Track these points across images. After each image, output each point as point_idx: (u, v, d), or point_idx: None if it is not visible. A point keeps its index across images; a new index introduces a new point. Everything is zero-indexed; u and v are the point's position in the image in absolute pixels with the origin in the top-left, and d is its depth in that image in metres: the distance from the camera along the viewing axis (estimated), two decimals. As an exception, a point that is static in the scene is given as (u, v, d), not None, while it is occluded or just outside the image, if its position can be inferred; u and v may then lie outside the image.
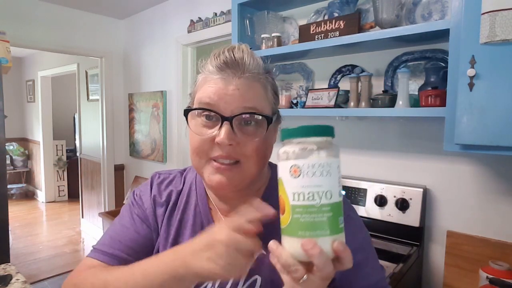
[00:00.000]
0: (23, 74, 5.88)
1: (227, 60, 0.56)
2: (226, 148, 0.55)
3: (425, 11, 1.40)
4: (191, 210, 0.69)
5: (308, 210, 0.43)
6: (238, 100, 0.55)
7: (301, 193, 0.43)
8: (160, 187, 0.71)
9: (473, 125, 1.03)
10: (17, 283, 1.11)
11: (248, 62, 0.57)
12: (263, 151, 0.58)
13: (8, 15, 2.78)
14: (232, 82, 0.56)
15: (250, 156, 0.57)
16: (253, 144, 0.56)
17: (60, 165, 5.56)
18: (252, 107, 0.56)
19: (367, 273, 0.61)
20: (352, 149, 1.73)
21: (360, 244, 0.62)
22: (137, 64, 3.31)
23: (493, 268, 1.18)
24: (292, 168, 0.44)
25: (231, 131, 0.55)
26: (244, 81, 0.56)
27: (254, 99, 0.56)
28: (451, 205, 1.43)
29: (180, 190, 0.71)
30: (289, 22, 1.90)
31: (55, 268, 3.28)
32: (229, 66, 0.56)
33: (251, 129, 0.57)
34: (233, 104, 0.55)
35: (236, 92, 0.55)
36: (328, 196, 0.43)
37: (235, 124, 0.55)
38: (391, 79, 1.55)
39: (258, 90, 0.58)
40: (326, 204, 0.43)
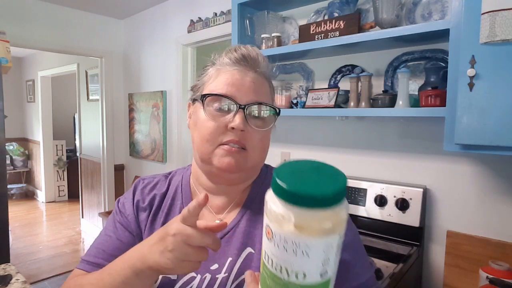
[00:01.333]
0: (23, 74, 5.88)
1: (245, 54, 0.62)
2: (239, 133, 0.59)
3: (425, 11, 1.40)
4: (176, 212, 0.69)
5: (275, 280, 0.36)
6: (253, 92, 0.60)
7: (270, 258, 0.35)
8: (144, 192, 0.72)
9: (473, 125, 1.03)
10: (17, 283, 1.11)
11: (261, 60, 0.63)
12: (266, 143, 0.63)
13: (8, 15, 2.78)
14: (249, 74, 0.61)
15: (256, 145, 0.61)
16: (260, 134, 0.61)
17: (60, 165, 5.56)
18: (264, 100, 0.62)
19: (356, 273, 0.62)
20: (352, 149, 1.73)
21: (349, 242, 0.61)
22: (137, 64, 3.31)
23: (493, 268, 1.18)
24: (266, 228, 0.36)
25: (245, 118, 0.59)
26: (258, 76, 0.62)
27: (265, 95, 0.63)
28: (451, 205, 1.43)
29: (165, 194, 0.71)
30: (289, 22, 1.90)
31: (55, 268, 3.28)
32: (246, 60, 0.61)
33: (259, 121, 0.61)
34: (248, 95, 0.60)
35: (252, 84, 0.61)
36: (300, 276, 0.34)
37: (248, 113, 0.60)
38: (391, 79, 1.55)
39: (267, 88, 0.64)
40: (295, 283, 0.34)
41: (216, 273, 0.60)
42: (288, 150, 2.01)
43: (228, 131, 0.59)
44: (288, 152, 2.01)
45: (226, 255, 0.61)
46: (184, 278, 0.61)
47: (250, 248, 0.61)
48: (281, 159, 2.03)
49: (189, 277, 0.61)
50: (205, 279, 0.60)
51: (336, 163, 1.79)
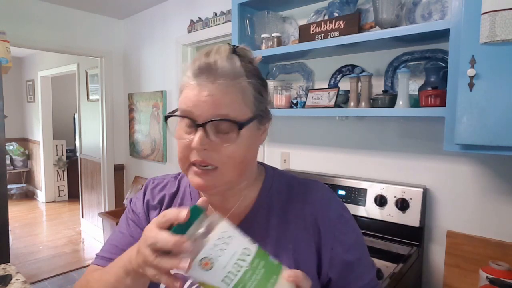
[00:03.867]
0: (23, 74, 5.88)
1: (202, 66, 0.57)
2: (201, 153, 0.56)
3: (425, 11, 1.40)
4: None
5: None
6: (211, 106, 0.55)
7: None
8: (154, 191, 0.74)
9: (473, 125, 1.03)
10: (17, 283, 1.11)
11: (222, 66, 0.56)
12: (240, 156, 0.58)
13: (8, 15, 2.78)
14: (206, 88, 0.56)
15: (226, 161, 0.57)
16: (227, 150, 0.56)
17: (60, 165, 5.56)
18: (224, 114, 0.55)
19: (360, 273, 0.63)
20: (352, 149, 1.73)
21: (353, 243, 0.63)
22: (137, 64, 3.31)
23: (493, 268, 1.18)
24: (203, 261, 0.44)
25: (204, 137, 0.55)
26: (217, 87, 0.56)
27: (227, 106, 0.56)
28: (451, 205, 1.43)
29: (174, 194, 0.73)
30: (289, 22, 1.90)
31: (55, 268, 3.28)
32: (203, 72, 0.56)
33: (225, 135, 0.56)
34: (206, 111, 0.55)
35: (209, 98, 0.55)
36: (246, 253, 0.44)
37: (209, 130, 0.56)
38: (391, 79, 1.55)
39: (233, 96, 0.57)
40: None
41: None
42: (288, 150, 2.01)
43: (193, 150, 0.57)
44: (288, 152, 2.01)
45: None
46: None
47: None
48: (281, 159, 2.03)
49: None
50: None
51: (336, 163, 1.79)
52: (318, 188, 0.67)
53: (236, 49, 0.60)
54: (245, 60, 0.60)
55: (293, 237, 0.62)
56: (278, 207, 0.65)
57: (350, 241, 0.63)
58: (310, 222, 0.62)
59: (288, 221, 0.63)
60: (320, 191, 0.66)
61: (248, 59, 0.61)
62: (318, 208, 0.63)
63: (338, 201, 0.67)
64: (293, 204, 0.65)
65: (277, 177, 0.69)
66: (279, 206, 0.65)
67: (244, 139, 0.58)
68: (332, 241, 0.62)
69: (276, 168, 0.73)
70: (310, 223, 0.62)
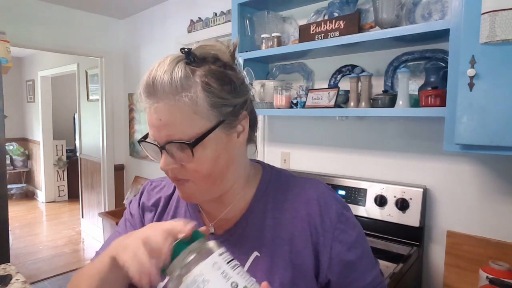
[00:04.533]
0: (23, 74, 5.88)
1: (146, 87, 0.56)
2: (171, 171, 0.58)
3: (425, 11, 1.40)
4: (181, 214, 0.70)
5: None
6: (162, 129, 0.55)
7: None
8: (150, 194, 0.75)
9: (473, 125, 1.03)
10: (17, 283, 1.11)
11: (162, 81, 0.54)
12: (205, 169, 0.57)
13: (8, 15, 2.78)
14: (154, 112, 0.55)
15: (193, 175, 0.58)
16: (189, 166, 0.56)
17: (60, 165, 5.56)
18: (174, 136, 0.54)
19: (361, 272, 0.62)
20: (352, 149, 1.73)
21: (354, 241, 0.62)
22: (137, 64, 3.31)
23: (493, 268, 1.18)
24: None
25: (167, 157, 0.56)
26: (163, 107, 0.54)
27: (176, 126, 0.54)
28: (451, 205, 1.43)
29: (170, 196, 0.73)
30: (289, 22, 1.90)
31: (55, 268, 3.28)
32: (148, 93, 0.55)
33: (182, 155, 0.56)
34: (160, 134, 0.55)
35: (159, 122, 0.55)
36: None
37: (170, 150, 0.56)
38: (391, 79, 1.55)
39: (180, 113, 0.54)
40: None
41: None
42: (288, 150, 2.01)
43: None
44: (288, 152, 2.01)
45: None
46: None
47: (256, 252, 0.61)
48: (281, 159, 2.03)
49: None
50: None
51: (336, 163, 1.79)
52: (316, 187, 0.65)
53: (190, 53, 0.56)
54: (206, 61, 0.57)
55: (289, 238, 0.61)
56: (274, 207, 0.64)
57: (350, 240, 0.61)
58: (308, 222, 0.61)
59: (285, 221, 0.62)
60: (319, 190, 0.65)
61: (211, 57, 0.57)
62: (317, 208, 0.62)
63: (338, 199, 0.65)
64: (291, 203, 0.63)
65: (274, 176, 0.68)
66: (276, 206, 0.64)
67: (206, 153, 0.56)
68: (331, 241, 0.60)
69: (274, 166, 0.72)
70: (308, 223, 0.61)
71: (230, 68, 0.59)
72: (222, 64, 0.58)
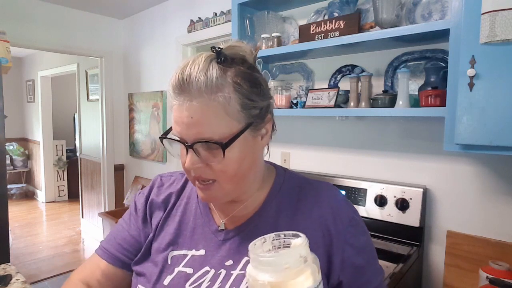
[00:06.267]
0: (23, 74, 5.88)
1: (178, 84, 0.55)
2: (196, 171, 0.58)
3: (425, 11, 1.40)
4: (191, 211, 0.70)
5: None
6: (193, 128, 0.54)
7: None
8: (160, 190, 0.74)
9: (473, 125, 1.03)
10: (17, 283, 1.11)
11: (197, 80, 0.53)
12: (232, 169, 0.58)
13: (8, 15, 2.78)
14: (185, 109, 0.54)
15: (220, 175, 0.58)
16: (217, 166, 0.57)
17: (60, 165, 5.56)
18: (207, 136, 0.54)
19: (369, 277, 0.62)
20: (352, 149, 1.73)
21: (363, 246, 0.62)
22: (137, 64, 3.31)
23: (493, 268, 1.18)
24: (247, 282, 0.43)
25: (194, 156, 0.56)
26: (196, 106, 0.53)
27: (208, 125, 0.54)
28: (451, 205, 1.43)
29: (180, 192, 0.73)
30: (289, 22, 1.90)
31: (55, 268, 3.28)
32: (181, 90, 0.54)
33: (212, 153, 0.56)
34: (189, 132, 0.55)
35: (190, 120, 0.54)
36: None
37: (198, 149, 0.56)
38: (391, 79, 1.55)
39: (214, 113, 0.54)
40: None
41: (231, 269, 0.61)
42: (288, 150, 2.01)
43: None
44: (288, 152, 2.01)
45: (241, 254, 0.62)
46: (198, 272, 0.62)
47: None
48: (281, 159, 2.03)
49: (204, 271, 0.62)
50: (220, 274, 0.61)
51: (336, 163, 1.79)
52: (329, 190, 0.66)
53: (220, 52, 0.55)
54: (235, 62, 0.57)
55: None
56: (287, 208, 0.64)
57: (360, 244, 0.62)
58: (320, 224, 0.61)
59: (298, 222, 0.62)
60: (331, 193, 0.65)
61: (239, 58, 0.58)
62: (329, 210, 0.62)
63: (349, 203, 0.66)
64: (303, 205, 0.64)
65: (287, 178, 0.69)
66: (289, 207, 0.64)
67: (234, 154, 0.56)
68: (343, 244, 0.60)
69: (287, 168, 0.73)
70: (320, 225, 0.61)
71: (256, 71, 0.60)
72: (249, 65, 0.59)
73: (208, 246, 0.65)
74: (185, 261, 0.64)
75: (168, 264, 0.65)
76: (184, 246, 0.66)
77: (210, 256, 0.64)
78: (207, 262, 0.63)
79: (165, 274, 0.64)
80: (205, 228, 0.67)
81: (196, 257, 0.64)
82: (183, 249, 0.66)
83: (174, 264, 0.65)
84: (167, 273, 0.64)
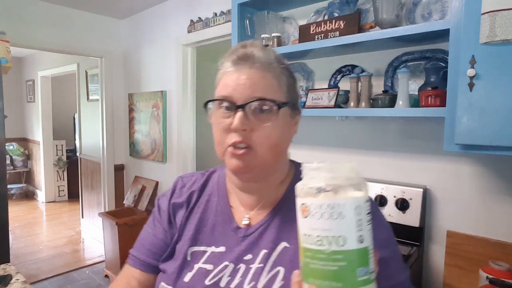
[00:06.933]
0: (23, 74, 5.88)
1: (240, 55, 0.62)
2: (241, 134, 0.59)
3: (425, 11, 1.40)
4: (212, 208, 0.71)
5: (316, 256, 0.39)
6: (249, 89, 0.59)
7: (310, 235, 0.40)
8: (182, 190, 0.75)
9: (473, 125, 1.03)
10: (17, 283, 1.11)
11: (259, 55, 0.61)
12: (276, 138, 0.61)
13: (8, 15, 2.78)
14: (244, 73, 0.60)
15: (262, 141, 0.60)
16: (265, 130, 0.60)
17: (60, 165, 5.56)
18: (262, 96, 0.59)
19: (395, 270, 0.60)
20: (352, 149, 1.73)
21: (386, 239, 0.61)
22: (137, 64, 3.31)
23: (493, 268, 1.18)
24: (301, 207, 0.41)
25: (244, 117, 0.59)
26: (255, 71, 0.60)
27: (265, 88, 0.60)
28: (451, 205, 1.43)
29: (202, 190, 0.74)
30: (289, 22, 1.90)
31: (55, 268, 3.28)
32: (241, 59, 0.61)
33: (263, 115, 0.60)
34: (244, 93, 0.59)
35: (247, 81, 0.59)
36: (339, 243, 0.38)
37: (248, 111, 0.59)
38: (391, 79, 1.55)
39: (269, 80, 0.61)
40: (337, 251, 0.38)
41: (249, 263, 0.62)
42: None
43: (232, 132, 0.60)
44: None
45: (260, 247, 0.63)
46: (218, 267, 0.63)
47: (286, 242, 0.62)
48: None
49: (222, 266, 0.63)
50: (239, 269, 0.62)
51: (336, 163, 1.79)
52: None
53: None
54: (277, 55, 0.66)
55: None
56: None
57: (382, 237, 0.60)
58: None
59: None
60: None
61: (279, 56, 0.66)
62: None
63: (370, 198, 0.65)
64: None
65: None
66: None
67: (280, 121, 0.61)
68: None
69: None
70: None
71: None
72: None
73: (228, 243, 0.66)
74: (204, 258, 0.65)
75: (187, 260, 0.66)
76: (204, 242, 0.67)
77: (229, 253, 0.64)
78: (226, 257, 0.64)
79: (185, 271, 0.64)
80: (225, 226, 0.68)
81: (216, 254, 0.65)
82: (203, 246, 0.67)
83: (193, 261, 0.65)
84: (187, 269, 0.64)
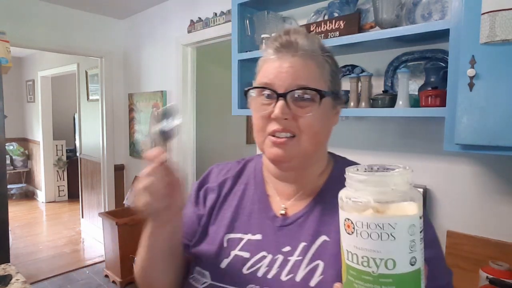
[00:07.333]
0: (23, 74, 5.88)
1: (283, 42, 0.60)
2: (282, 122, 0.59)
3: (425, 11, 1.40)
4: (249, 196, 0.70)
5: (362, 277, 0.35)
6: (292, 77, 0.58)
7: (354, 254, 0.35)
8: (218, 176, 0.76)
9: (473, 125, 1.03)
10: (17, 283, 1.11)
11: (302, 43, 0.60)
12: (318, 127, 0.60)
13: (8, 15, 2.78)
14: (287, 60, 0.59)
15: (304, 130, 0.59)
16: (307, 119, 0.59)
17: (60, 165, 5.56)
18: (304, 84, 0.58)
19: (437, 273, 0.56)
20: (352, 149, 1.73)
21: (431, 239, 0.58)
22: (137, 64, 3.31)
23: (493, 268, 1.18)
24: (345, 222, 0.37)
25: (285, 106, 0.58)
26: (298, 59, 0.59)
27: (307, 77, 0.59)
28: (451, 205, 1.43)
29: (237, 178, 0.74)
30: (289, 22, 1.90)
31: (55, 268, 3.28)
32: (284, 47, 0.60)
33: (305, 104, 0.59)
34: (287, 81, 0.58)
35: (290, 69, 0.58)
36: (389, 266, 0.34)
37: (289, 99, 0.58)
38: (391, 79, 1.55)
39: (312, 68, 0.60)
40: (386, 274, 0.34)
41: (288, 255, 0.61)
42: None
43: (273, 120, 0.59)
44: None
45: (299, 240, 0.61)
46: (255, 256, 0.62)
47: (325, 236, 0.61)
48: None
49: (260, 256, 0.62)
50: (277, 259, 0.61)
51: (336, 163, 1.79)
52: None
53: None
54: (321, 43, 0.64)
55: None
56: None
57: (428, 237, 0.55)
58: None
59: None
60: None
61: (323, 44, 0.64)
62: None
63: None
64: None
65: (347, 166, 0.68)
66: None
67: (322, 110, 0.60)
68: None
69: (345, 158, 0.74)
70: None
71: None
72: None
73: (264, 231, 0.65)
74: (241, 245, 0.64)
75: (224, 247, 0.65)
76: (240, 230, 0.67)
77: (266, 241, 0.63)
78: (263, 247, 0.63)
79: (222, 257, 0.64)
80: (262, 214, 0.67)
81: (252, 241, 0.64)
82: (239, 233, 0.66)
83: (230, 247, 0.65)
84: (224, 256, 0.64)
